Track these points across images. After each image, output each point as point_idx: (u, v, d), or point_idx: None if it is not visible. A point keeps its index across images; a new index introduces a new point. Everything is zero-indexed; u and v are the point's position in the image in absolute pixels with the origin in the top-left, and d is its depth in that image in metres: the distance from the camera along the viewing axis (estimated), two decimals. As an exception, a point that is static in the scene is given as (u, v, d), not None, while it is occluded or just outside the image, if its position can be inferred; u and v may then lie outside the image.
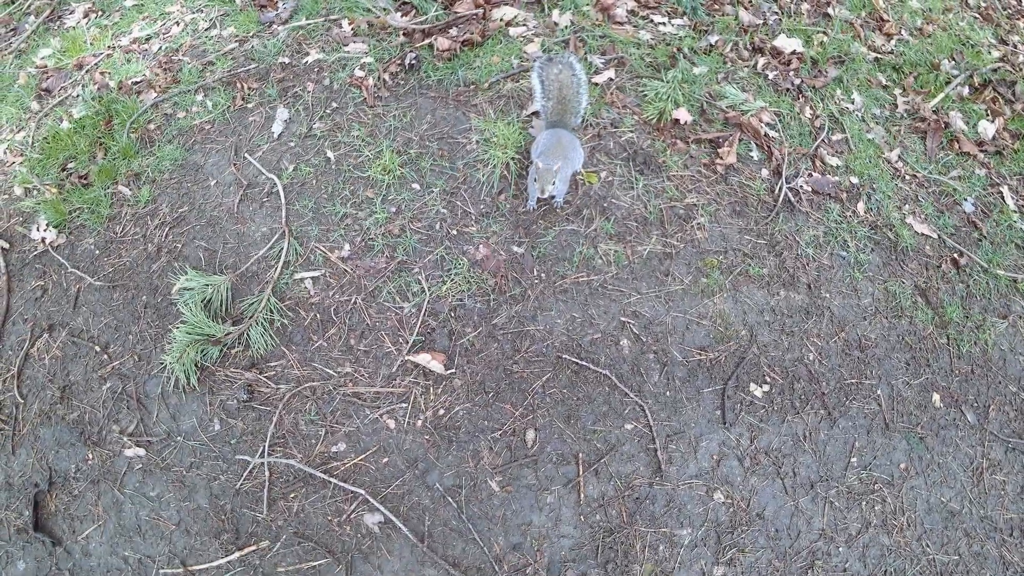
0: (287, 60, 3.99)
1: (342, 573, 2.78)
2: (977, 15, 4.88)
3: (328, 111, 3.72)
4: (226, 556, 2.85)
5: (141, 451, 3.05)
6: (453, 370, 3.05)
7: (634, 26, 4.15)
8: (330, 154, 3.56)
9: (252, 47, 4.11)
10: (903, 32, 4.55)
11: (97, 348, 3.27)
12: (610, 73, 3.80)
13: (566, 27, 4.04)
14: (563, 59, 3.33)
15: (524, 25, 4.04)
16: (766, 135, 3.70)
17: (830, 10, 4.50)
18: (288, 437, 2.99)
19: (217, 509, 2.93)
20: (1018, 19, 5.02)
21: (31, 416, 3.20)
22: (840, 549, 2.93)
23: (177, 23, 4.44)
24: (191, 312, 3.13)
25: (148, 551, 2.91)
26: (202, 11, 4.46)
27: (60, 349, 3.31)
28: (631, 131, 3.61)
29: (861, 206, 3.64)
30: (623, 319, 3.15)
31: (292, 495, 2.91)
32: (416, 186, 3.44)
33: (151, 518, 2.95)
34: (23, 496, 3.06)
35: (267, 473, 2.94)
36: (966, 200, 3.86)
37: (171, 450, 3.04)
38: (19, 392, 3.25)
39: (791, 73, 4.08)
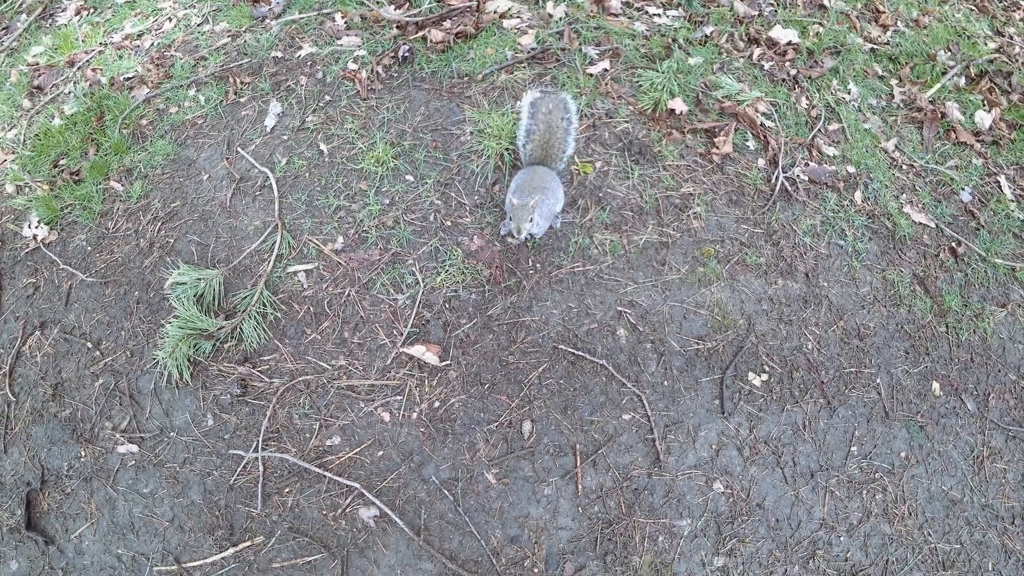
0: (280, 54, 3.96)
1: (338, 568, 2.74)
2: (972, 7, 4.87)
3: (321, 104, 3.69)
4: (220, 552, 2.82)
5: (134, 448, 3.02)
6: (448, 362, 3.02)
7: (629, 17, 4.13)
8: (323, 147, 3.53)
9: (245, 42, 4.09)
10: (899, 23, 4.54)
11: (89, 345, 3.24)
12: (605, 64, 3.77)
13: (560, 19, 4.02)
14: (557, 97, 3.12)
15: (518, 17, 4.02)
16: (762, 125, 3.68)
17: (826, 1, 4.48)
18: (282, 431, 2.96)
19: (211, 505, 2.90)
20: (1013, 11, 5.00)
21: (23, 414, 3.17)
22: (841, 538, 2.90)
23: (169, 19, 4.41)
24: (183, 306, 3.10)
25: (142, 548, 2.87)
26: (194, 7, 4.44)
27: (52, 346, 3.28)
28: (626, 121, 3.58)
29: (858, 195, 3.62)
30: (620, 309, 3.12)
31: (287, 490, 2.88)
32: (410, 178, 3.41)
33: (144, 515, 2.92)
34: (15, 495, 3.03)
35: (261, 468, 2.90)
36: (963, 189, 3.84)
37: (164, 446, 3.01)
38: (11, 390, 3.22)
39: (787, 64, 4.06)
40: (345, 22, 4.07)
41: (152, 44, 4.28)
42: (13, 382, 3.25)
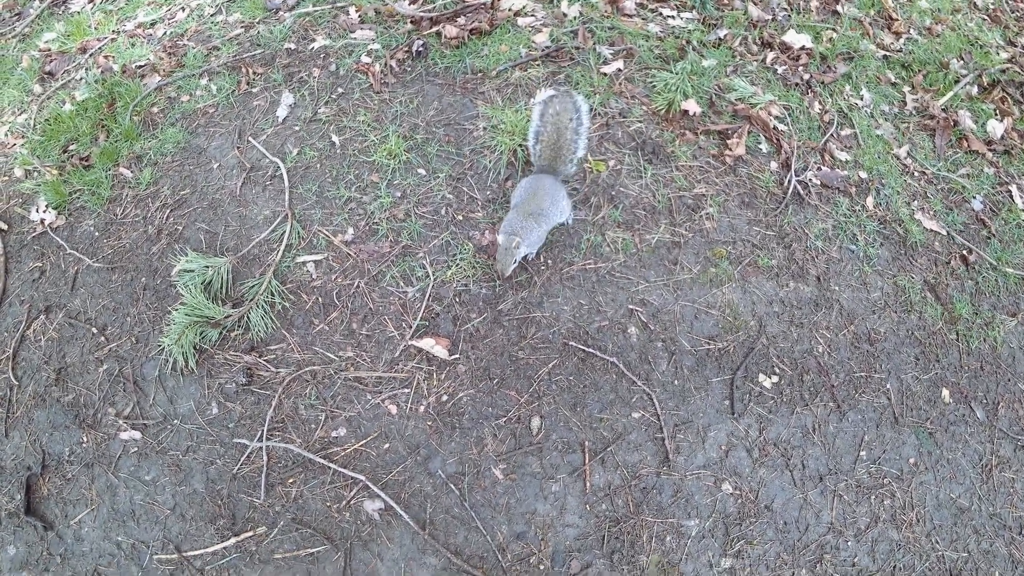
0: (293, 46, 3.96)
1: (340, 560, 2.71)
2: (985, 16, 4.87)
3: (334, 96, 3.68)
4: (222, 542, 2.78)
5: (137, 434, 2.99)
6: (457, 355, 2.99)
7: (643, 18, 4.13)
8: (335, 138, 3.52)
9: (258, 33, 4.08)
10: (912, 31, 4.54)
11: (94, 330, 3.22)
12: (619, 64, 3.77)
13: (574, 18, 4.02)
14: (566, 97, 3.05)
15: (532, 15, 4.02)
16: (775, 128, 3.67)
17: (839, 7, 4.48)
18: (287, 421, 2.93)
19: (213, 494, 2.87)
20: (1026, 22, 5.01)
21: (25, 398, 3.14)
22: (849, 543, 2.87)
23: (182, 8, 4.41)
24: (191, 294, 3.08)
25: (142, 536, 2.84)
26: (208, -3, 4.44)
27: (56, 331, 3.25)
28: (640, 121, 3.57)
29: (870, 201, 3.61)
30: (631, 307, 3.10)
31: (290, 480, 2.85)
32: (422, 171, 3.40)
33: (145, 502, 2.89)
34: (15, 479, 3.00)
35: (265, 458, 2.88)
36: (975, 198, 3.83)
37: (167, 433, 2.98)
38: (14, 374, 3.19)
39: (800, 68, 4.06)
40: (359, 16, 4.06)
41: (165, 33, 4.28)
42: (16, 366, 3.22)
